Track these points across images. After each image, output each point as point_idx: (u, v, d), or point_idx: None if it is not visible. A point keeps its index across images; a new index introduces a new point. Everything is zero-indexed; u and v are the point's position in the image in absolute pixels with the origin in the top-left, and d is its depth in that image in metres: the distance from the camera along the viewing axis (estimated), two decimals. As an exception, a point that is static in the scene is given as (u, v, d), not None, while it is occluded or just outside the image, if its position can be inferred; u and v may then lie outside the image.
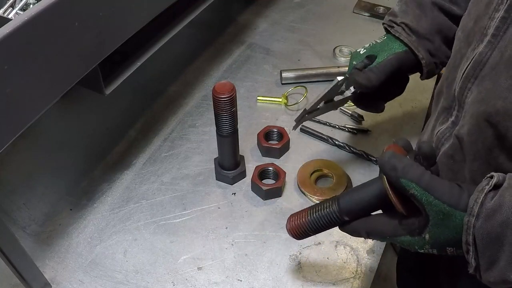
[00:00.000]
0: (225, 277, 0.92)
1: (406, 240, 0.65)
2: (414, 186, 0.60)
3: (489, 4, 0.70)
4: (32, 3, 0.84)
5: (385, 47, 0.93)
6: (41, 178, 1.09)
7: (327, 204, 0.72)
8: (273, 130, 1.15)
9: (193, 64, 1.39)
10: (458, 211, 0.58)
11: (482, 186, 0.58)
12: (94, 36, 0.78)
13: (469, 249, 0.59)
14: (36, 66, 0.68)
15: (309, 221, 0.74)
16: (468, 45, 0.74)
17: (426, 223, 0.61)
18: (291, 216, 0.78)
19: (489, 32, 0.68)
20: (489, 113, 0.66)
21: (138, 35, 0.90)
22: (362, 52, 0.96)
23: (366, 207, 0.69)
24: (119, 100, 1.25)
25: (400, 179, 0.60)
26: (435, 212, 0.60)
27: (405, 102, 1.27)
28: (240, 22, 1.55)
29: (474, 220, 0.57)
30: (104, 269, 0.93)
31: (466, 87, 0.71)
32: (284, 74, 1.31)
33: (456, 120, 0.76)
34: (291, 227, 0.77)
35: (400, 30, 0.93)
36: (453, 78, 0.76)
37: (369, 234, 0.69)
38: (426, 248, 0.63)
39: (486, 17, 0.70)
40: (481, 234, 0.57)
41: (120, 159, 1.13)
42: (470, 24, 0.75)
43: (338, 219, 0.71)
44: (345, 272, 0.92)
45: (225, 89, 0.91)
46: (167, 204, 1.04)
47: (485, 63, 0.68)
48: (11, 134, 0.68)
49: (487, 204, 0.56)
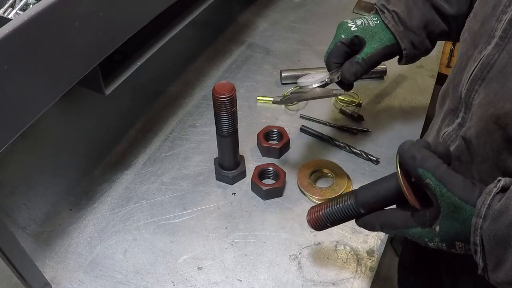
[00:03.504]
0: (225, 277, 0.92)
1: (417, 232, 0.66)
2: (430, 176, 0.61)
3: (496, 6, 0.70)
4: (32, 3, 0.84)
5: (376, 36, 0.93)
6: (41, 178, 1.09)
7: (345, 197, 0.75)
8: (273, 130, 1.15)
9: (193, 64, 1.39)
10: (468, 205, 0.59)
11: (489, 189, 0.59)
12: (94, 36, 0.78)
13: (477, 249, 0.59)
14: (36, 66, 0.68)
15: (328, 213, 0.77)
16: (474, 47, 0.74)
17: (437, 215, 0.62)
18: (311, 208, 0.81)
19: (496, 34, 0.68)
20: (497, 115, 0.66)
21: (138, 35, 0.90)
22: (352, 28, 0.95)
23: (382, 200, 0.71)
24: (119, 100, 1.25)
25: (417, 168, 0.62)
26: (446, 203, 0.60)
27: (405, 102, 1.27)
28: (240, 22, 1.55)
29: (482, 222, 0.58)
30: (104, 269, 0.93)
31: (473, 89, 0.71)
32: (284, 74, 1.31)
33: (463, 122, 0.76)
34: (310, 218, 0.80)
35: (389, 17, 0.93)
36: (459, 80, 0.76)
37: (382, 226, 0.71)
38: (435, 241, 0.64)
39: (493, 19, 0.70)
40: (488, 235, 0.57)
41: (120, 159, 1.13)
42: (476, 26, 0.75)
43: (355, 212, 0.74)
44: (345, 272, 0.92)
45: (225, 89, 0.91)
46: (167, 204, 1.04)
47: (492, 65, 0.68)
48: (11, 134, 0.68)
49: (494, 206, 0.57)
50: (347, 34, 0.94)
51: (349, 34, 0.94)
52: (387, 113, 1.24)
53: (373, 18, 0.96)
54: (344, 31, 0.95)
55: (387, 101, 1.27)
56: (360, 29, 0.94)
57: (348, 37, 0.94)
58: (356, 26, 0.95)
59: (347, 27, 0.95)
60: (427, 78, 1.34)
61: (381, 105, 1.26)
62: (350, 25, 0.95)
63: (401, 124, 1.21)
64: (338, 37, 0.95)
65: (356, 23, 0.95)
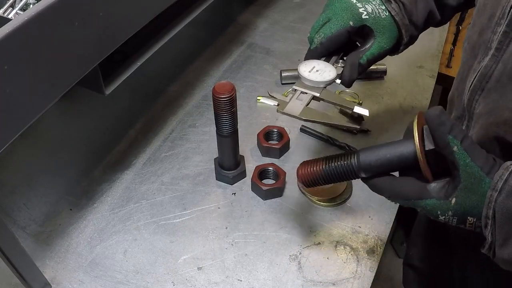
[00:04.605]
0: (225, 277, 0.92)
1: (431, 203, 0.64)
2: (458, 144, 0.59)
3: (491, 17, 0.71)
4: (32, 3, 0.84)
5: (387, 33, 0.84)
6: (41, 178, 1.09)
7: (346, 156, 0.71)
8: (273, 130, 1.15)
9: (193, 64, 1.39)
10: (488, 178, 0.59)
11: (507, 165, 0.59)
12: (94, 36, 0.78)
13: (488, 223, 0.60)
14: (36, 66, 0.68)
15: (324, 170, 0.72)
16: (474, 57, 0.75)
17: (456, 186, 0.61)
18: (304, 162, 0.76)
19: (492, 45, 0.69)
20: (497, 123, 0.67)
21: (138, 35, 0.90)
22: (363, 16, 0.82)
23: (386, 166, 0.67)
24: (119, 100, 1.25)
25: (447, 134, 0.60)
26: (468, 174, 0.60)
27: (405, 102, 1.27)
28: (240, 22, 1.55)
29: (497, 195, 0.58)
30: (104, 269, 0.93)
31: (474, 99, 0.73)
32: (284, 74, 1.31)
33: (467, 129, 0.77)
34: (302, 173, 0.74)
35: (397, 9, 0.84)
36: (462, 89, 0.77)
37: (391, 195, 0.68)
38: (448, 215, 0.63)
39: (489, 30, 0.71)
40: (501, 209, 0.58)
41: (120, 159, 1.13)
42: (475, 37, 0.76)
43: (354, 173, 0.70)
44: (345, 272, 0.92)
45: (225, 89, 0.91)
46: (167, 204, 1.04)
47: (490, 75, 0.69)
48: (11, 134, 0.68)
49: (510, 181, 0.57)
50: (356, 22, 0.82)
51: (358, 21, 0.82)
52: (387, 113, 1.24)
53: (381, 7, 0.84)
54: (353, 16, 0.82)
55: (387, 101, 1.27)
56: (372, 19, 0.82)
57: (356, 25, 0.82)
58: (367, 14, 0.82)
59: (358, 13, 0.82)
60: (427, 78, 1.34)
61: (381, 105, 1.26)
62: (361, 11, 0.82)
63: (401, 124, 1.21)
64: (346, 22, 0.82)
65: (367, 10, 0.82)
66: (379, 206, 1.02)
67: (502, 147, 0.67)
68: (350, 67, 0.84)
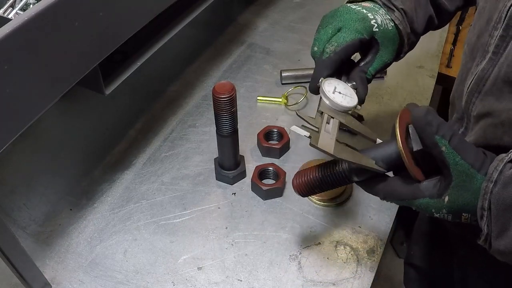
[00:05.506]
0: (225, 277, 0.92)
1: (424, 202, 0.64)
2: (446, 143, 0.60)
3: (489, 20, 0.71)
4: (32, 3, 0.84)
5: (391, 46, 0.83)
6: (41, 178, 1.09)
7: (338, 163, 0.72)
8: (273, 130, 1.15)
9: (193, 64, 1.39)
10: (480, 174, 0.59)
11: (502, 157, 0.60)
12: (94, 36, 0.78)
13: (484, 214, 0.60)
14: (36, 66, 0.68)
15: (317, 178, 0.73)
16: (472, 60, 0.75)
17: (448, 185, 0.62)
18: (298, 173, 0.77)
19: (490, 49, 0.69)
20: (494, 125, 0.68)
21: (138, 35, 0.90)
22: (374, 28, 0.80)
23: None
24: (119, 100, 1.25)
25: (434, 135, 0.60)
26: (459, 172, 0.60)
27: (405, 102, 1.27)
28: (240, 22, 1.55)
29: (492, 186, 0.58)
30: (104, 269, 0.93)
31: (471, 101, 0.73)
32: (284, 74, 1.31)
33: (466, 131, 0.78)
34: (298, 183, 0.75)
35: (400, 18, 0.82)
36: (461, 92, 0.78)
37: (386, 196, 0.68)
38: (442, 212, 0.63)
39: (487, 34, 0.71)
40: (497, 200, 0.58)
41: (120, 159, 1.13)
42: (473, 39, 0.76)
43: (347, 178, 0.71)
44: (345, 272, 0.92)
45: (225, 89, 0.91)
46: (167, 204, 1.04)
47: (487, 79, 0.70)
48: (11, 134, 0.68)
49: (506, 172, 0.58)
50: (368, 33, 0.79)
51: (370, 33, 0.80)
52: (387, 113, 1.24)
53: (387, 17, 0.82)
54: (365, 28, 0.79)
55: (387, 101, 1.27)
56: (381, 32, 0.81)
57: (368, 36, 0.80)
58: (377, 26, 0.80)
59: (370, 25, 0.79)
60: (427, 78, 1.34)
61: (381, 105, 1.26)
62: (372, 23, 0.80)
63: (401, 124, 1.21)
64: (359, 33, 0.78)
65: (377, 22, 0.80)
66: (379, 206, 1.02)
67: (500, 149, 0.68)
68: (362, 84, 0.82)
